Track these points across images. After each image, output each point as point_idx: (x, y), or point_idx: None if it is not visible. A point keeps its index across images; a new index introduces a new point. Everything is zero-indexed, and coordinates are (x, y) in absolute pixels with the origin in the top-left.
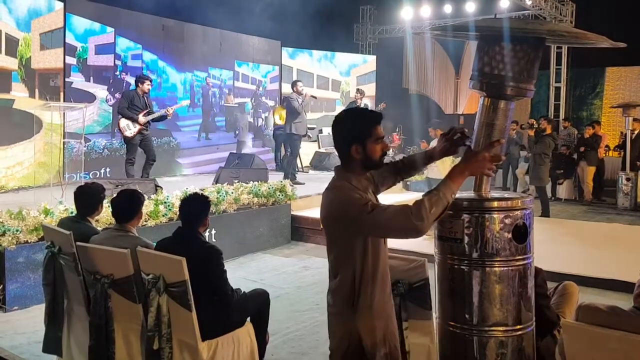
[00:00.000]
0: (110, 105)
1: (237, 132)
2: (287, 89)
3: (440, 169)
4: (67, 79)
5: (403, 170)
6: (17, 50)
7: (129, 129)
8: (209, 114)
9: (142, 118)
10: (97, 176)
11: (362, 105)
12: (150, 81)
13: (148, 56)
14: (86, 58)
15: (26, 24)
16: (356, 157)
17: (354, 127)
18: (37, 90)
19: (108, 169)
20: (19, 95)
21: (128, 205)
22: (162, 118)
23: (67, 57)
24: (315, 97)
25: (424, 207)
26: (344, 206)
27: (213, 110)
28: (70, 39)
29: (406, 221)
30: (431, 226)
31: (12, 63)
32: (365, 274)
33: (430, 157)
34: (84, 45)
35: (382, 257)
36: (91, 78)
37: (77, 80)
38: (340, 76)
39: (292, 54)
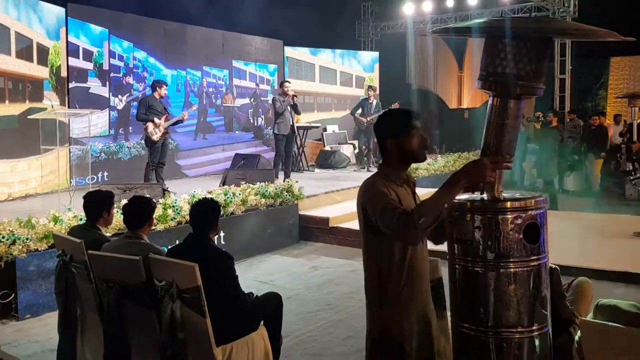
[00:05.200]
0: (118, 110)
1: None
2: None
3: None
4: (84, 84)
5: None
6: (48, 59)
7: (156, 133)
8: (204, 114)
9: (162, 122)
10: (95, 181)
11: (374, 103)
12: (166, 85)
13: (148, 58)
14: (102, 63)
15: (55, 33)
16: (392, 150)
17: (390, 122)
18: (67, 98)
19: (106, 173)
20: (51, 104)
21: (140, 212)
22: (179, 122)
23: (84, 62)
24: (296, 96)
25: (413, 218)
26: (370, 201)
27: (207, 110)
28: (86, 43)
29: (396, 229)
30: (423, 235)
31: (43, 72)
32: (393, 269)
33: None
34: (99, 49)
35: (413, 253)
36: (107, 83)
37: (94, 85)
38: (364, 72)
39: (314, 51)
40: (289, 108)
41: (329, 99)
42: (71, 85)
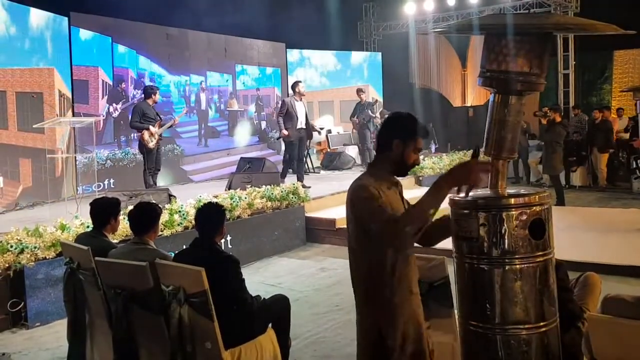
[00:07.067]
0: (113, 117)
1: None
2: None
3: None
4: (95, 93)
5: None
6: (57, 69)
7: (151, 141)
8: (205, 119)
9: (157, 129)
10: (101, 188)
11: (366, 104)
12: (159, 91)
13: (150, 66)
14: (110, 71)
15: (64, 42)
16: (395, 151)
17: (404, 124)
18: (72, 107)
19: (112, 180)
20: (57, 113)
21: (145, 218)
22: (170, 126)
23: (93, 71)
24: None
25: (398, 225)
26: (359, 203)
27: (208, 115)
28: (93, 52)
29: (383, 236)
30: (412, 242)
31: (54, 82)
32: (381, 270)
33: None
34: (107, 57)
35: (401, 256)
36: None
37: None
38: (371, 72)
39: (318, 52)
40: (301, 110)
41: (336, 100)
42: (79, 94)
